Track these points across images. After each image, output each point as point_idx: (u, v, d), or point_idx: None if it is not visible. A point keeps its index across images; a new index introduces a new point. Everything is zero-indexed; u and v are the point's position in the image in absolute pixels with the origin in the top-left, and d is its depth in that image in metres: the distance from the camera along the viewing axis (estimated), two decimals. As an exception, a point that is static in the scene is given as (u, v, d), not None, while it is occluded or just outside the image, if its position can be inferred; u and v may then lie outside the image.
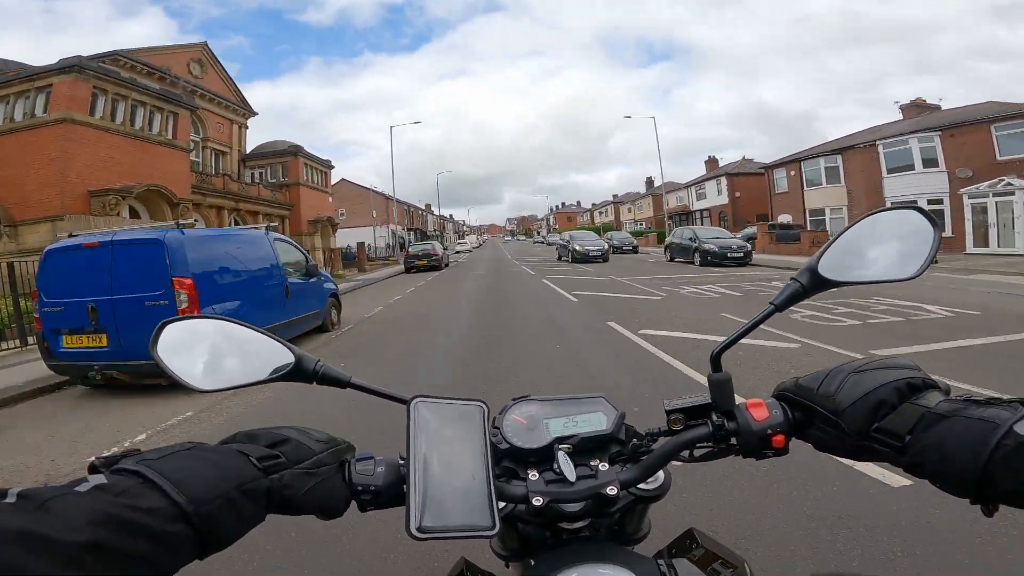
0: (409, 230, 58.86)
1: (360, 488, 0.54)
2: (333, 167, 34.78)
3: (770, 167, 34.13)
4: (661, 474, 0.59)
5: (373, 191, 44.64)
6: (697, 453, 0.58)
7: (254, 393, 4.65)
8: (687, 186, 45.61)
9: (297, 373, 0.59)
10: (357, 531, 2.36)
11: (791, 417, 0.55)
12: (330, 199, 34.36)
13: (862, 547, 2.08)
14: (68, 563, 0.32)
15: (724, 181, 40.51)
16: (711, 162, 47.29)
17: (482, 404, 0.55)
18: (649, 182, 63.20)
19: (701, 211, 43.01)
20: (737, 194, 39.50)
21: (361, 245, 28.20)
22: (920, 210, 0.59)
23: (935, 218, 0.58)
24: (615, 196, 75.84)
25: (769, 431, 0.55)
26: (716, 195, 41.69)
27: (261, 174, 30.21)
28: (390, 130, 35.92)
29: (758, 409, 0.56)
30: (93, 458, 0.42)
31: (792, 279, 0.60)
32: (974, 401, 0.45)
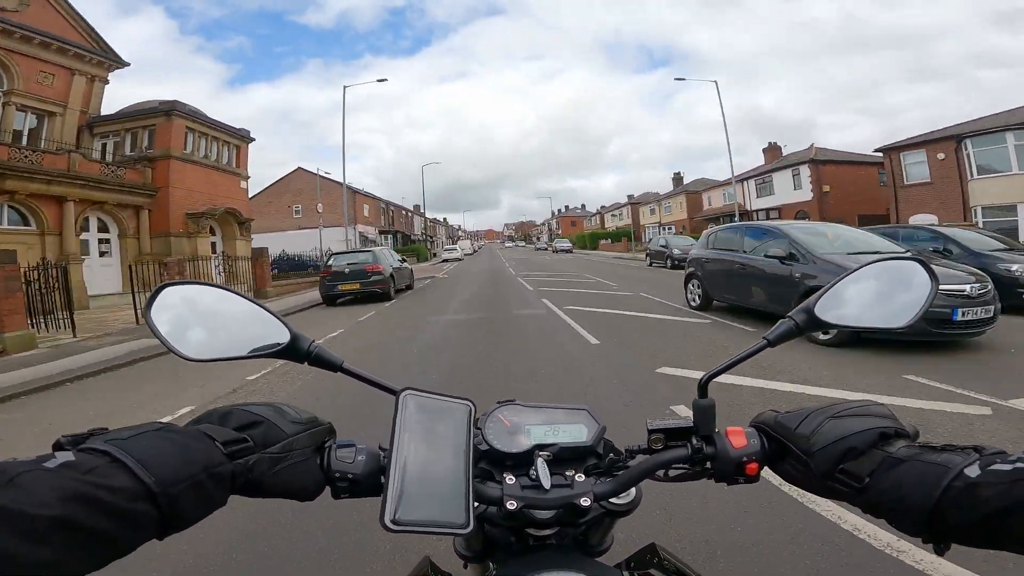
0: (383, 232, 47.57)
1: (337, 474, 0.53)
2: (252, 139, 23.39)
3: (895, 149, 23.11)
4: (633, 490, 0.59)
5: (321, 176, 33.04)
6: (672, 473, 0.59)
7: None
8: (744, 179, 34.40)
9: (291, 352, 0.58)
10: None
11: (767, 447, 0.57)
12: (243, 184, 22.91)
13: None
14: (35, 538, 0.32)
15: (807, 171, 29.47)
16: (772, 150, 36.34)
17: (469, 403, 0.54)
18: (677, 179, 52.28)
19: (767, 210, 31.93)
20: (826, 188, 28.48)
21: (260, 253, 16.57)
22: (921, 261, 0.61)
23: (935, 270, 0.60)
24: (631, 196, 64.74)
25: (745, 459, 0.56)
26: (791, 189, 30.67)
27: (117, 143, 18.91)
28: (343, 92, 24.76)
29: (737, 437, 0.57)
30: (61, 437, 0.41)
31: (788, 316, 0.62)
32: (931, 447, 0.49)
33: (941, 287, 3.51)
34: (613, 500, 0.58)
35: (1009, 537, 0.42)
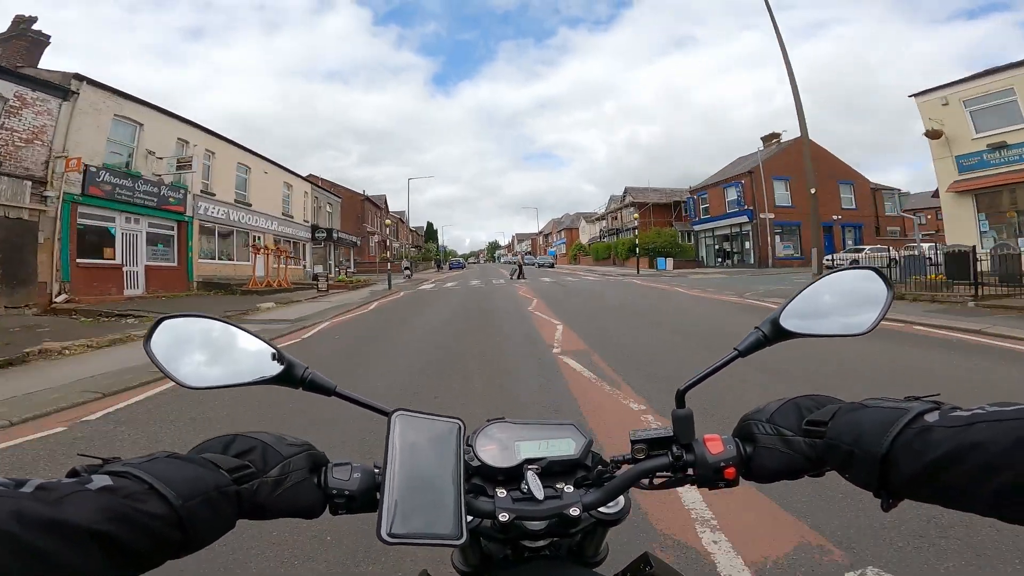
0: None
1: (335, 492, 0.55)
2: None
3: None
4: (622, 499, 0.61)
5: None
6: (656, 481, 0.61)
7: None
8: None
9: (285, 378, 0.61)
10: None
11: (744, 453, 0.59)
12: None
13: None
14: (83, 548, 0.37)
15: None
16: None
17: (459, 422, 0.57)
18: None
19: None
20: None
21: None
22: (877, 271, 0.65)
23: (889, 279, 0.65)
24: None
25: (722, 464, 0.59)
26: None
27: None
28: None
29: (714, 443, 0.60)
30: (76, 466, 0.44)
31: (756, 328, 0.65)
32: (894, 398, 0.50)
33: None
34: (602, 509, 0.59)
35: (956, 483, 0.41)
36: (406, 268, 34.40)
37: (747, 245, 34.20)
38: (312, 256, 30.19)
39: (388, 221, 45.45)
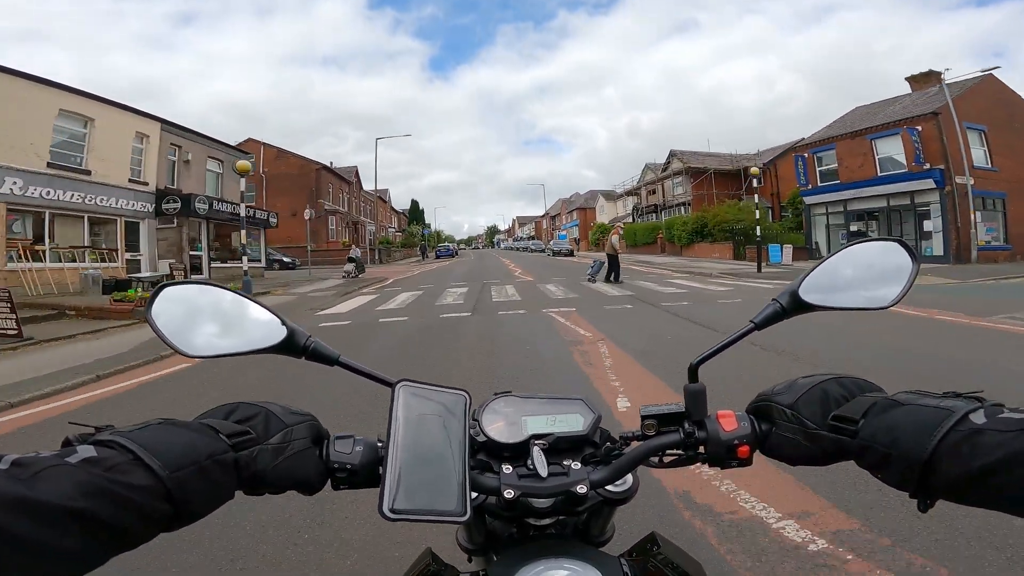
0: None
1: (336, 465, 0.54)
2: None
3: None
4: (630, 477, 0.60)
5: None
6: (666, 459, 0.60)
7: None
8: None
9: (288, 347, 0.60)
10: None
11: (758, 430, 0.57)
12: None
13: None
14: (59, 528, 0.34)
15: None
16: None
17: (465, 394, 0.55)
18: None
19: None
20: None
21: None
22: (902, 243, 0.62)
23: (915, 251, 0.61)
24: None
25: (736, 442, 0.56)
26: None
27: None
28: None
29: (727, 420, 0.58)
30: (69, 435, 0.42)
31: (773, 300, 0.63)
32: (931, 394, 0.47)
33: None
34: (610, 488, 0.58)
35: (1009, 490, 0.39)
36: (351, 261, 21.17)
37: (926, 226, 20.57)
38: (152, 243, 17.12)
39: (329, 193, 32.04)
